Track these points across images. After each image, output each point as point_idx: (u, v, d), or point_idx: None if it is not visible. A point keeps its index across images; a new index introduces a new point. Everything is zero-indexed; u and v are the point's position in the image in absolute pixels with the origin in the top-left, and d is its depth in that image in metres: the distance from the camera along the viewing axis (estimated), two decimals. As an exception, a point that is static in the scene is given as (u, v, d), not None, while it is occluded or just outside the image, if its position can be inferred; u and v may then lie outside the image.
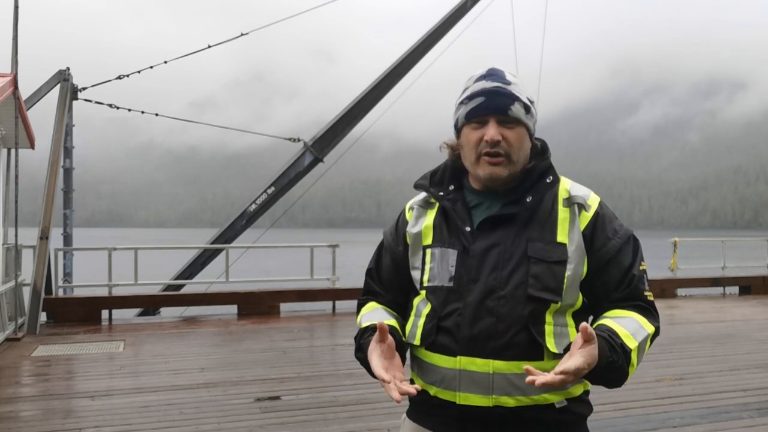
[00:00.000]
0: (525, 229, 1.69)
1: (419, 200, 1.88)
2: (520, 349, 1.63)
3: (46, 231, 9.87)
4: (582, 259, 1.68)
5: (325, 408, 5.37)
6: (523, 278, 1.65)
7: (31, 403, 5.65)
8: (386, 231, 1.94)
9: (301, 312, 10.93)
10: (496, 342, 1.63)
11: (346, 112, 14.60)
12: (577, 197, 1.73)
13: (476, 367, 1.64)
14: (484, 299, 1.65)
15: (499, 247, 1.68)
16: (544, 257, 1.66)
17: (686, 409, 5.28)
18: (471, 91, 1.74)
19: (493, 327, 1.63)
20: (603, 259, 1.69)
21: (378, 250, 1.96)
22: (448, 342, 1.68)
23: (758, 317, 10.53)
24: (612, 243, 1.70)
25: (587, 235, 1.70)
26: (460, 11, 15.14)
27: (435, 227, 1.79)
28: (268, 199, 14.19)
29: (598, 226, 1.71)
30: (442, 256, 1.73)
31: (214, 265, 13.43)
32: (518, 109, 1.70)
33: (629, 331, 1.62)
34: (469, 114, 1.73)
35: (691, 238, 17.05)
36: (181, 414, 5.25)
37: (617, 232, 1.72)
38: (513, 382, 1.62)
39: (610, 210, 1.77)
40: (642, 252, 1.75)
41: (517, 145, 1.70)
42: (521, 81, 1.76)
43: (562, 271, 1.66)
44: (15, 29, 9.36)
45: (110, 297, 10.33)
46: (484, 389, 1.63)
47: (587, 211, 1.71)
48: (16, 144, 9.16)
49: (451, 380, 1.67)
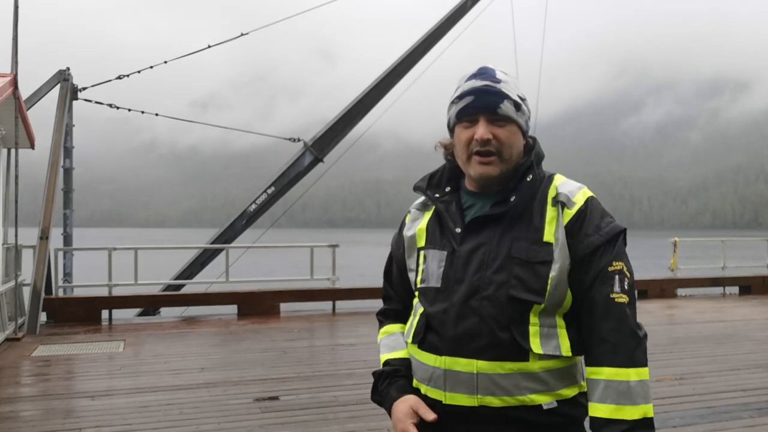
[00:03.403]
0: (512, 230, 1.68)
1: (418, 203, 1.90)
2: (503, 350, 1.62)
3: (46, 231, 9.87)
4: (566, 259, 1.65)
5: (325, 408, 5.37)
6: (506, 279, 1.64)
7: (31, 403, 5.65)
8: (393, 236, 1.99)
9: (301, 312, 10.94)
10: (479, 342, 1.63)
11: (346, 112, 14.60)
12: (561, 195, 1.70)
13: (460, 366, 1.64)
14: (468, 299, 1.66)
15: (485, 247, 1.68)
16: (528, 258, 1.64)
17: (686, 409, 5.28)
18: (461, 90, 1.73)
19: (476, 327, 1.64)
20: (580, 257, 1.65)
21: (389, 256, 2.01)
22: (435, 341, 1.70)
23: (758, 317, 10.53)
24: (590, 240, 1.65)
25: (568, 232, 1.66)
26: (460, 11, 15.15)
27: (428, 229, 1.81)
28: (268, 199, 14.19)
29: (579, 223, 1.67)
30: (434, 257, 1.75)
31: (214, 265, 13.43)
32: (508, 107, 1.69)
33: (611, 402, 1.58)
34: (459, 113, 1.72)
35: (691, 238, 17.05)
36: (181, 414, 5.24)
37: (600, 229, 1.67)
38: (497, 382, 1.62)
39: (600, 207, 1.72)
40: (623, 251, 1.69)
41: (508, 143, 1.69)
42: (513, 78, 1.74)
43: (546, 272, 1.63)
44: (15, 29, 9.36)
45: (110, 297, 10.33)
46: (469, 389, 1.64)
47: (569, 209, 1.68)
48: (16, 144, 9.16)
49: (438, 379, 1.68)
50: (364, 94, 14.66)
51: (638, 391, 1.58)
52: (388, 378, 1.85)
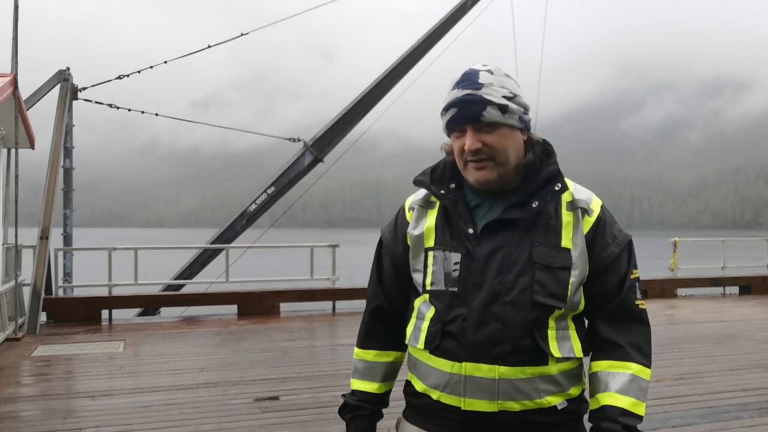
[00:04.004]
0: (529, 234, 1.67)
1: (419, 200, 1.83)
2: (525, 355, 1.62)
3: (46, 231, 9.87)
4: (585, 265, 1.68)
5: (325, 408, 5.37)
6: (528, 284, 1.63)
7: (31, 403, 5.65)
8: (384, 230, 1.91)
9: (301, 312, 10.93)
10: (501, 348, 1.62)
11: (346, 112, 14.60)
12: (580, 201, 1.72)
13: (482, 373, 1.62)
14: (489, 304, 1.63)
15: (504, 251, 1.66)
16: (549, 263, 1.65)
17: (686, 409, 5.28)
18: (447, 101, 1.72)
19: (498, 333, 1.62)
20: (602, 265, 1.70)
21: (377, 251, 1.93)
22: (453, 347, 1.66)
23: (758, 317, 10.52)
24: (611, 249, 1.71)
25: (589, 240, 1.69)
26: (460, 11, 15.15)
27: (437, 229, 1.75)
28: (268, 199, 14.19)
29: (599, 232, 1.71)
30: (445, 259, 1.71)
31: (214, 265, 13.42)
32: (492, 113, 1.66)
33: (632, 396, 1.67)
34: (447, 125, 1.74)
35: (691, 238, 17.03)
36: (181, 414, 5.24)
37: (616, 237, 1.73)
38: (518, 387, 1.62)
39: (611, 214, 1.77)
40: (636, 259, 1.77)
41: (500, 147, 1.67)
42: (499, 76, 1.70)
43: (566, 277, 1.65)
44: (15, 29, 9.36)
45: (110, 297, 10.33)
46: (489, 395, 1.62)
47: (590, 216, 1.71)
48: (16, 144, 9.16)
49: (456, 385, 1.65)
50: (364, 94, 14.66)
51: (647, 390, 1.71)
52: (351, 413, 1.91)
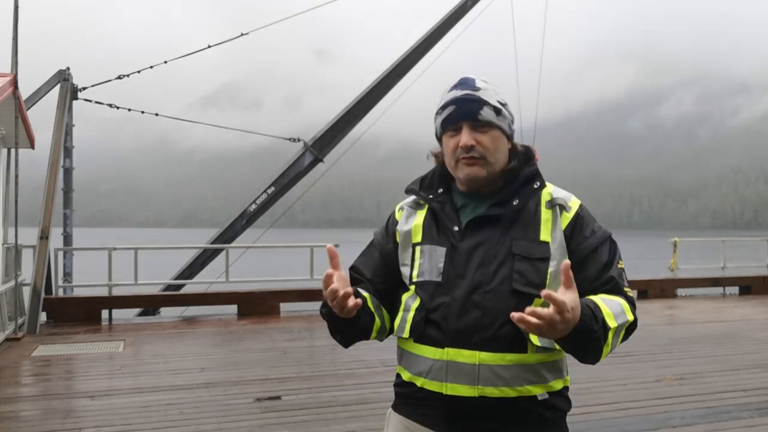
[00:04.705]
0: (510, 229, 1.78)
1: (409, 202, 1.97)
2: (505, 342, 1.69)
3: (46, 231, 9.87)
4: (564, 257, 1.75)
5: (325, 408, 5.38)
6: (508, 274, 1.73)
7: (31, 403, 5.66)
8: (377, 231, 2.04)
9: (301, 312, 10.92)
10: (482, 334, 1.70)
11: (346, 112, 14.61)
12: (558, 199, 1.83)
13: (463, 358, 1.70)
14: (471, 293, 1.73)
15: (486, 245, 1.77)
16: (528, 254, 1.74)
17: (686, 409, 5.28)
18: (444, 101, 1.84)
19: (479, 320, 1.71)
20: (581, 256, 1.77)
21: (366, 248, 2.04)
22: (436, 334, 1.74)
23: (758, 317, 10.53)
24: (589, 241, 1.79)
25: (567, 234, 1.79)
26: (461, 11, 15.16)
27: (424, 226, 1.87)
28: (268, 199, 14.20)
29: (578, 226, 1.80)
30: (432, 253, 1.81)
31: (214, 265, 13.42)
32: (488, 113, 1.79)
33: (612, 311, 1.67)
34: (443, 123, 1.84)
35: (691, 238, 17.05)
36: (181, 414, 5.25)
37: (595, 232, 1.81)
38: (498, 374, 1.69)
39: (590, 213, 1.86)
40: (619, 252, 1.84)
41: (492, 147, 1.80)
42: (493, 86, 1.85)
43: (545, 268, 1.74)
44: (15, 29, 9.36)
45: (110, 297, 10.34)
46: (469, 380, 1.69)
47: (568, 212, 1.81)
48: (16, 144, 9.17)
49: (438, 371, 1.73)
50: (364, 94, 14.67)
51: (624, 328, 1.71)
52: None
